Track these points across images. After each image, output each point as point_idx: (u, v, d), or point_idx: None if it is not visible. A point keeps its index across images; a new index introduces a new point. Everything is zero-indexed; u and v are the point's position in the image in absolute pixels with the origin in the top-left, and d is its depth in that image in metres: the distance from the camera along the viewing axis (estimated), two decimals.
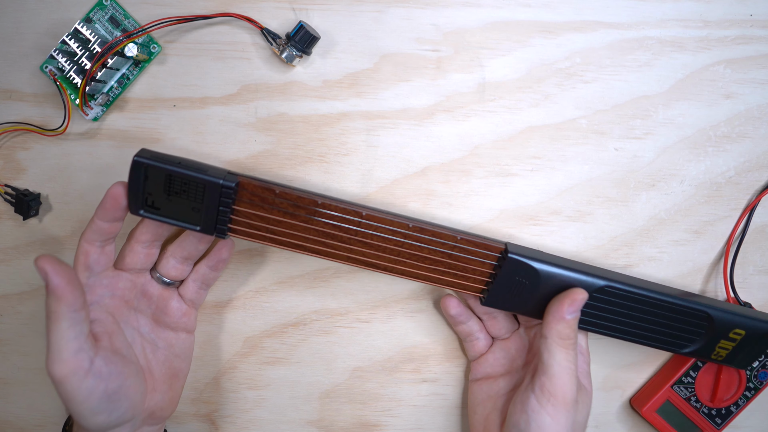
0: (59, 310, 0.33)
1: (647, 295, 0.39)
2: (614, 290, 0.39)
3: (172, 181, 0.35)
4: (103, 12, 0.41)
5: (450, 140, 0.43)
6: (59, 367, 0.34)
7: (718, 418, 0.44)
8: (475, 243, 0.38)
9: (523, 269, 0.38)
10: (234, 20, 0.41)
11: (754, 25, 0.42)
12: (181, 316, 0.41)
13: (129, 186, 0.36)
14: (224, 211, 0.36)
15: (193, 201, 0.36)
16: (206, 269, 0.41)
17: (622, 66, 0.42)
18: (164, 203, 0.36)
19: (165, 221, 0.37)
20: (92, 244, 0.37)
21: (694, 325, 0.40)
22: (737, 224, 0.44)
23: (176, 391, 0.42)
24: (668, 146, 0.43)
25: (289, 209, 0.36)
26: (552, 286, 0.39)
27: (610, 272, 0.40)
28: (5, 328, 0.44)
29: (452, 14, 0.41)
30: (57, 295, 0.33)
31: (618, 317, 0.40)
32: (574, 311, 0.38)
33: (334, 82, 0.42)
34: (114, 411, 0.36)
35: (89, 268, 0.37)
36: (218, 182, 0.35)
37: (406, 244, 0.38)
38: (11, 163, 0.43)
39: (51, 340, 0.34)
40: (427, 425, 0.46)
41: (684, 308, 0.40)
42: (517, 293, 0.39)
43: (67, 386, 0.34)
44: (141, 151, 0.36)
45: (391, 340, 0.45)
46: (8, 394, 0.45)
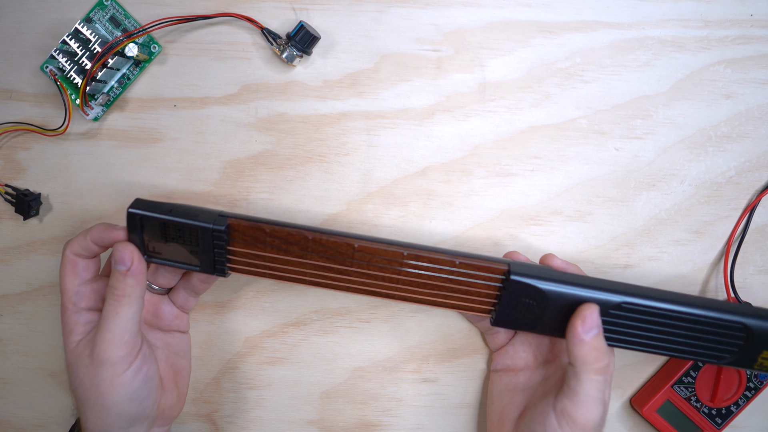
0: (135, 293, 0.36)
1: (671, 309, 0.37)
2: (633, 306, 0.37)
3: (167, 228, 0.37)
4: (104, 12, 0.41)
5: (450, 140, 0.43)
6: (119, 348, 0.35)
7: (719, 418, 0.44)
8: (475, 266, 0.37)
9: (529, 290, 0.36)
10: (234, 20, 0.41)
11: (754, 25, 0.42)
12: (173, 319, 0.42)
13: (129, 234, 0.37)
14: (220, 252, 0.37)
15: (190, 245, 0.37)
16: (197, 282, 0.41)
17: (623, 66, 0.42)
18: (164, 248, 0.37)
19: (167, 264, 0.38)
20: (80, 256, 0.37)
21: (729, 337, 0.37)
22: (737, 224, 0.44)
23: (182, 390, 0.42)
24: (668, 146, 0.43)
25: (282, 246, 0.37)
26: (562, 304, 0.36)
27: (622, 285, 0.38)
28: (5, 328, 0.44)
29: (452, 14, 0.41)
30: (138, 279, 0.36)
31: (642, 332, 0.37)
32: (590, 329, 0.35)
33: (335, 82, 0.42)
34: (145, 399, 0.37)
35: (78, 275, 0.37)
36: (209, 227, 0.36)
37: (404, 272, 0.37)
38: (11, 163, 0.43)
39: (116, 321, 0.35)
40: (427, 425, 0.46)
41: (715, 321, 0.37)
42: (527, 314, 0.37)
43: (119, 368, 0.35)
44: (135, 202, 0.37)
45: (391, 340, 0.45)
46: (8, 394, 0.45)
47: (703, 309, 0.37)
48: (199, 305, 0.44)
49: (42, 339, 0.45)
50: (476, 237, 0.44)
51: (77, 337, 0.37)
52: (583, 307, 0.36)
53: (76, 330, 0.37)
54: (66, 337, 0.37)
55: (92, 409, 0.36)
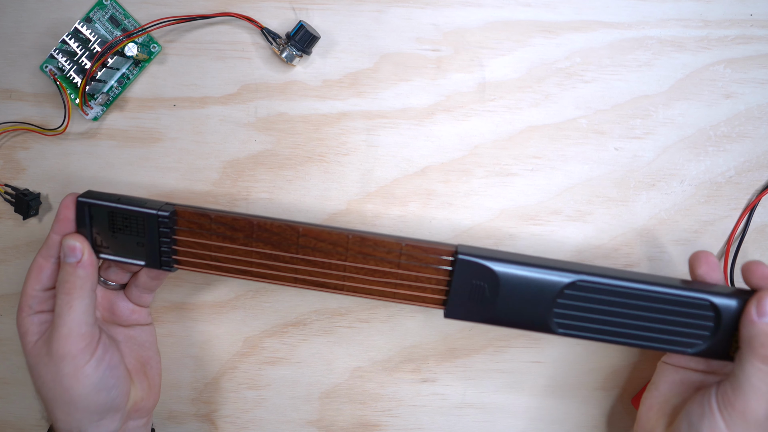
0: (86, 285, 0.35)
1: (630, 287, 0.35)
2: (588, 285, 0.35)
3: (114, 217, 0.36)
4: (103, 12, 0.41)
5: (450, 140, 0.43)
6: (77, 341, 0.35)
7: None
8: (422, 248, 0.35)
9: (479, 271, 0.35)
10: (234, 20, 0.41)
11: (754, 25, 0.42)
12: (130, 314, 0.41)
13: (77, 225, 0.37)
14: (165, 241, 0.37)
15: (137, 236, 0.37)
16: (146, 278, 0.40)
17: (622, 66, 0.42)
18: (111, 241, 0.37)
19: (114, 259, 0.38)
20: (47, 260, 0.37)
21: (697, 318, 0.35)
22: (737, 224, 0.44)
23: (153, 381, 0.41)
24: (668, 146, 0.43)
25: (227, 233, 0.36)
26: (516, 287, 0.35)
27: (581, 265, 0.36)
28: (5, 328, 0.44)
29: (452, 14, 0.41)
30: (89, 271, 0.36)
31: (599, 316, 0.35)
32: (766, 314, 0.33)
33: (334, 82, 0.42)
34: (112, 389, 0.37)
35: (41, 281, 0.37)
36: (154, 213, 0.36)
37: (350, 257, 0.36)
38: (11, 163, 0.43)
39: (70, 315, 0.35)
40: (427, 425, 0.46)
41: (678, 298, 0.35)
42: (480, 300, 0.35)
43: (80, 360, 0.35)
44: (86, 192, 0.37)
45: (391, 340, 0.45)
46: (8, 394, 0.45)
47: (665, 287, 0.35)
48: (197, 305, 0.44)
49: None
50: (476, 237, 0.44)
51: (33, 337, 0.37)
52: (762, 290, 0.34)
53: (30, 331, 0.37)
54: (22, 339, 0.37)
55: (59, 407, 0.36)
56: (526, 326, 0.36)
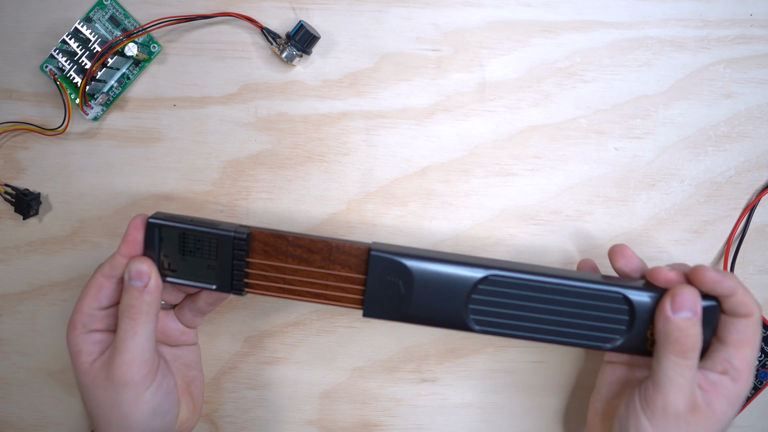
0: (152, 310, 0.35)
1: (543, 281, 0.35)
2: (501, 279, 0.34)
3: (186, 239, 0.36)
4: (103, 11, 0.41)
5: (450, 140, 0.43)
6: (140, 368, 0.34)
7: None
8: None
9: (392, 267, 0.35)
10: (234, 20, 0.41)
11: (754, 25, 0.42)
12: (180, 335, 0.41)
13: (145, 248, 0.36)
14: (239, 264, 0.36)
15: (208, 258, 0.36)
16: (204, 304, 0.40)
17: (622, 66, 0.42)
18: (180, 264, 0.36)
19: (182, 283, 0.37)
20: (109, 279, 0.36)
21: (612, 312, 0.35)
22: (737, 224, 0.44)
23: (197, 400, 0.41)
24: (668, 146, 0.43)
25: (303, 255, 0.36)
26: (430, 283, 0.35)
27: (496, 261, 0.36)
28: (5, 328, 0.44)
29: (452, 14, 0.41)
30: (154, 296, 0.35)
31: (515, 312, 0.35)
32: (680, 309, 0.33)
33: (334, 82, 0.42)
34: (167, 414, 0.37)
35: (98, 300, 0.36)
36: (230, 234, 0.35)
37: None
38: (11, 163, 0.43)
39: (135, 341, 0.34)
40: (427, 425, 0.46)
41: (593, 292, 0.35)
42: (396, 297, 0.35)
43: (141, 388, 0.35)
44: (155, 214, 0.36)
45: (391, 340, 0.45)
46: (8, 394, 0.45)
47: (579, 281, 0.35)
48: None
49: (41, 339, 0.44)
50: (476, 237, 0.44)
51: (88, 357, 0.36)
52: (680, 285, 0.34)
53: (85, 350, 0.36)
54: (75, 358, 0.36)
55: (114, 430, 0.36)
56: (443, 323, 0.36)
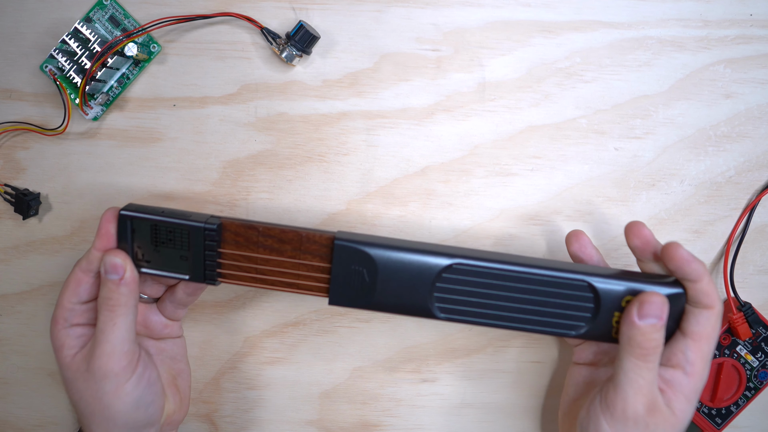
0: (130, 302, 0.35)
1: (508, 269, 0.35)
2: (466, 268, 0.35)
3: (158, 231, 0.36)
4: (103, 11, 0.41)
5: (450, 140, 0.43)
6: (120, 359, 0.35)
7: (718, 418, 0.44)
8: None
9: (356, 256, 0.35)
10: (234, 20, 0.41)
11: (754, 25, 0.42)
12: (163, 328, 0.41)
13: (118, 240, 0.36)
14: (211, 255, 0.36)
15: (180, 249, 0.36)
16: (183, 295, 0.40)
17: (622, 66, 0.42)
18: (153, 255, 0.36)
19: (155, 274, 0.37)
20: (87, 273, 0.36)
21: (576, 299, 0.35)
22: (737, 224, 0.44)
23: (184, 393, 0.41)
24: (668, 146, 0.43)
25: (274, 245, 0.36)
26: (394, 271, 0.35)
27: (460, 249, 0.36)
28: (5, 327, 0.44)
29: (452, 14, 0.41)
30: (131, 288, 0.35)
31: (479, 300, 0.35)
32: (646, 317, 0.33)
33: (334, 82, 0.42)
34: (150, 405, 0.37)
35: (78, 294, 0.36)
36: (200, 226, 0.35)
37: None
38: (11, 163, 0.43)
39: (114, 333, 0.35)
40: (427, 425, 0.46)
41: (557, 280, 0.35)
42: (360, 285, 0.36)
43: (121, 378, 0.35)
44: (127, 205, 0.36)
45: (391, 340, 0.45)
46: (8, 394, 0.45)
47: (543, 269, 0.35)
48: (198, 305, 0.44)
49: (41, 339, 0.44)
50: (476, 236, 0.44)
51: (70, 351, 0.36)
52: (647, 293, 0.34)
53: (67, 344, 0.36)
54: (58, 352, 0.36)
55: (97, 422, 0.36)
56: (408, 311, 0.36)
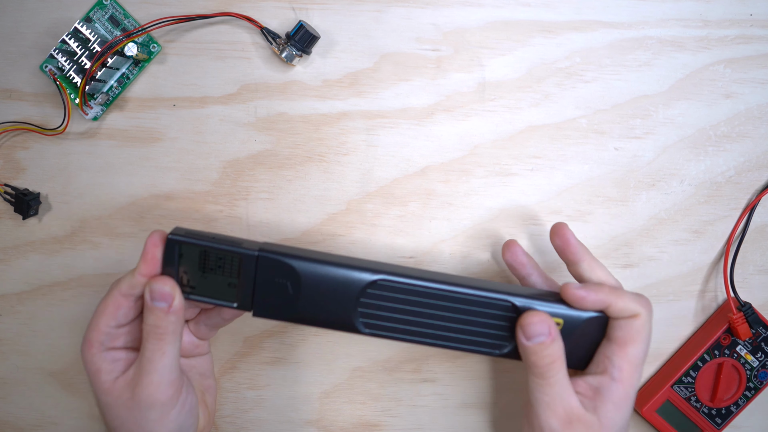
0: (177, 330, 0.34)
1: (432, 287, 0.35)
2: (391, 284, 0.35)
3: (207, 257, 0.35)
4: (103, 11, 0.41)
5: (450, 140, 0.43)
6: (167, 388, 0.34)
7: (718, 418, 0.44)
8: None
9: (281, 268, 0.35)
10: (234, 20, 0.41)
11: (754, 25, 0.42)
12: (194, 348, 0.40)
13: (164, 264, 0.35)
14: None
15: (229, 276, 0.35)
16: (219, 320, 0.39)
17: (622, 65, 0.42)
18: (199, 281, 0.35)
19: (201, 300, 0.36)
20: (127, 298, 0.35)
21: (500, 319, 0.35)
22: (737, 224, 0.44)
23: (212, 408, 0.41)
24: (668, 146, 0.43)
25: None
26: (319, 285, 0.35)
27: (387, 265, 0.36)
28: (5, 327, 0.44)
29: (452, 14, 0.41)
30: (179, 316, 0.34)
31: (404, 316, 0.35)
32: (532, 336, 0.34)
33: (334, 82, 0.42)
34: (189, 428, 0.36)
35: (116, 318, 0.35)
36: (254, 254, 0.35)
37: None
38: (11, 163, 0.43)
39: (162, 362, 0.34)
40: (427, 425, 0.46)
41: (481, 299, 0.35)
42: (284, 298, 0.35)
43: (168, 407, 0.34)
44: (175, 229, 0.35)
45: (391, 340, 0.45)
46: (7, 394, 0.45)
47: (468, 288, 0.35)
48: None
49: (41, 339, 0.44)
50: (476, 237, 0.44)
51: (109, 376, 0.35)
52: (528, 312, 0.34)
53: (104, 369, 0.35)
54: (95, 377, 0.35)
55: None
56: (332, 325, 0.36)
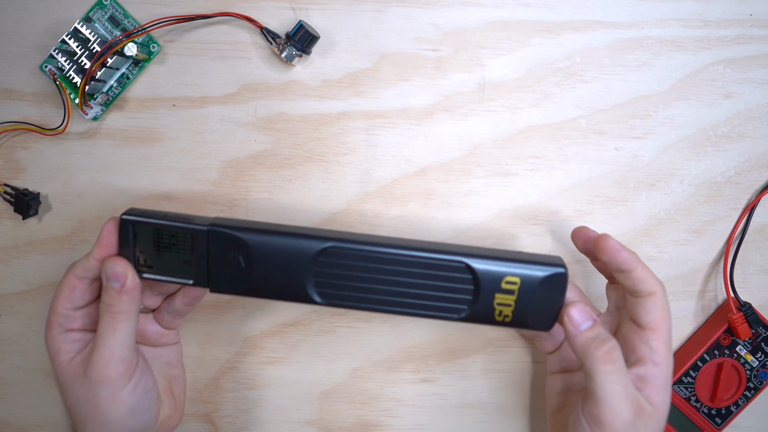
0: (130, 309, 0.35)
1: (384, 252, 0.35)
2: (342, 251, 0.35)
3: (160, 235, 0.35)
4: (103, 11, 0.41)
5: (450, 140, 0.43)
6: (118, 365, 0.35)
7: (718, 418, 0.44)
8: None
9: (231, 242, 0.35)
10: (234, 20, 0.41)
11: (754, 25, 0.42)
12: (159, 337, 0.41)
13: (120, 245, 0.35)
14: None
15: (183, 253, 0.36)
16: (181, 305, 0.39)
17: (622, 66, 0.42)
18: (156, 260, 0.36)
19: (158, 279, 0.36)
20: (81, 280, 0.36)
21: (456, 281, 0.35)
22: (737, 224, 0.44)
23: (179, 398, 0.41)
24: (668, 146, 0.43)
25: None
26: (270, 256, 0.35)
27: (340, 232, 0.36)
28: (5, 327, 0.44)
29: (452, 14, 0.41)
30: (133, 295, 0.35)
31: (358, 284, 0.35)
32: (579, 324, 0.34)
33: (334, 82, 0.42)
34: (146, 412, 0.37)
35: (72, 300, 0.36)
36: (204, 230, 0.35)
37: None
38: (11, 163, 0.43)
39: (114, 338, 0.34)
40: (427, 425, 0.46)
41: (435, 261, 0.35)
42: (238, 272, 0.35)
43: (118, 385, 0.35)
44: (129, 210, 0.36)
45: (391, 340, 0.45)
46: (8, 394, 0.45)
47: (421, 251, 0.35)
48: (198, 305, 0.44)
49: (41, 339, 0.44)
50: (476, 237, 0.44)
51: (66, 356, 0.36)
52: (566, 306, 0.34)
53: (63, 349, 0.36)
54: (54, 357, 0.36)
55: (92, 428, 0.36)
56: (287, 296, 0.36)
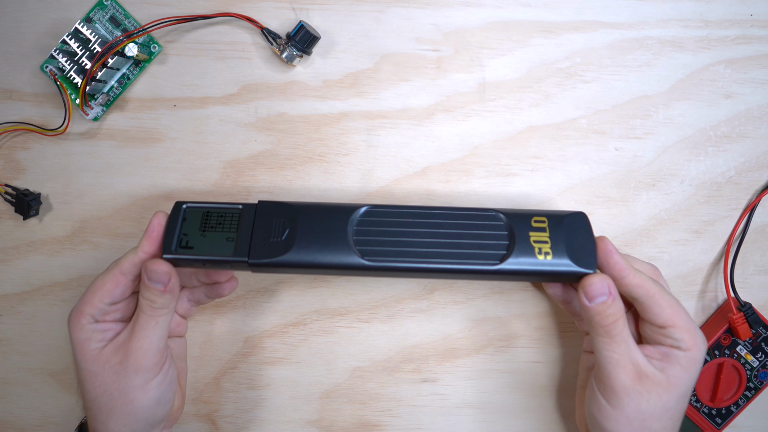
0: (171, 305, 0.37)
1: (422, 208, 0.38)
2: (383, 210, 0.38)
3: (209, 217, 0.37)
4: (104, 12, 0.41)
5: (450, 140, 0.43)
6: (154, 355, 0.36)
7: (718, 418, 0.44)
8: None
9: (278, 209, 0.37)
10: (234, 20, 0.41)
11: (754, 25, 0.42)
12: (175, 327, 0.42)
13: (166, 229, 0.37)
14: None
15: (228, 231, 0.37)
16: (203, 296, 0.41)
17: (623, 66, 0.42)
18: (198, 242, 0.37)
19: (198, 258, 0.37)
20: (126, 276, 0.36)
21: (491, 228, 0.38)
22: (737, 224, 0.44)
23: (184, 391, 0.42)
24: (668, 146, 0.43)
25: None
26: (315, 223, 0.37)
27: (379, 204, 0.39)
28: (5, 328, 0.44)
29: (452, 14, 0.42)
30: (174, 293, 0.36)
31: (400, 238, 0.37)
32: (594, 297, 0.35)
33: (335, 82, 0.42)
34: (168, 402, 0.38)
35: (112, 296, 0.36)
36: (254, 204, 0.37)
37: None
38: (11, 163, 0.43)
39: (155, 330, 0.36)
40: (427, 425, 0.46)
41: (468, 213, 0.38)
42: (280, 243, 0.37)
43: (151, 374, 0.36)
44: (179, 201, 0.38)
45: (391, 340, 0.45)
46: (8, 394, 0.45)
47: (454, 208, 0.38)
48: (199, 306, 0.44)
49: (42, 339, 0.44)
50: None
51: (97, 344, 0.36)
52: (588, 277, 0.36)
53: (93, 338, 0.36)
54: (82, 345, 0.36)
55: (118, 416, 0.36)
56: (330, 262, 0.37)
